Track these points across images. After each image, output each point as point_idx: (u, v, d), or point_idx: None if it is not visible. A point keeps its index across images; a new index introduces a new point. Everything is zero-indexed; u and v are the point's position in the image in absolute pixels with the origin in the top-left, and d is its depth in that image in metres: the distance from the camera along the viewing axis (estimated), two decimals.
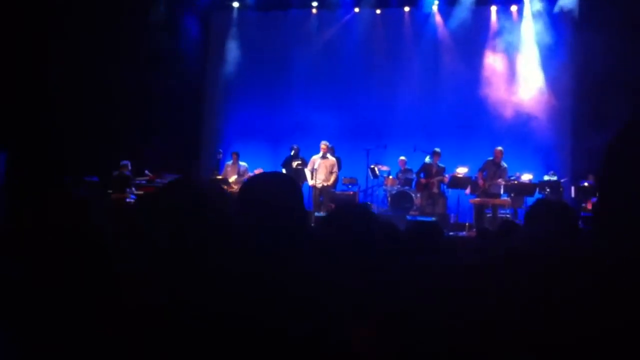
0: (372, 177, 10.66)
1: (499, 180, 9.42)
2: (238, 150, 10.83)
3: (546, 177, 10.00)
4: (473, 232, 8.81)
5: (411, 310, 1.53)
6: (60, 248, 1.29)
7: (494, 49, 11.52)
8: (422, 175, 10.15)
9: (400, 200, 10.05)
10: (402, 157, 10.54)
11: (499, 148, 9.60)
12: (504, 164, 9.59)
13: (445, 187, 10.07)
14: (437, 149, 10.10)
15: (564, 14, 10.96)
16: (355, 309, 1.33)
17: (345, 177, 10.84)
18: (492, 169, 9.57)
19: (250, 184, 1.76)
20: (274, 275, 1.28)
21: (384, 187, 10.57)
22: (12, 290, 1.28)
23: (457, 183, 9.71)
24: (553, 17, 11.15)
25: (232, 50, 12.37)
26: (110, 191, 9.81)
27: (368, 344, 1.43)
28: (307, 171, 10.19)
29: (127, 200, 9.57)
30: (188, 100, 12.06)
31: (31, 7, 10.40)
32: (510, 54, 11.46)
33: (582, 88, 10.26)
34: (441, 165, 10.08)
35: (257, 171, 10.09)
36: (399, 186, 10.33)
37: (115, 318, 1.25)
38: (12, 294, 1.27)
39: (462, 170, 9.83)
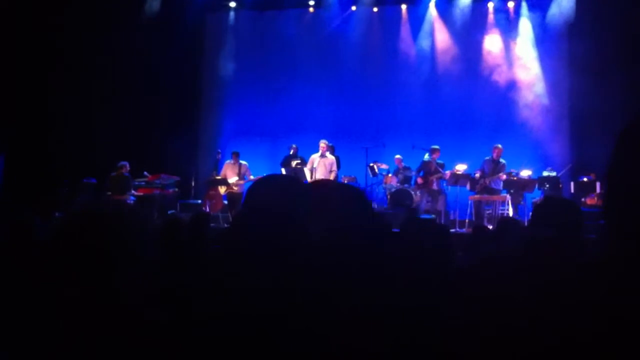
0: (371, 176, 10.64)
1: (501, 174, 9.39)
2: (237, 150, 10.75)
3: (545, 173, 9.97)
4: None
5: (410, 310, 1.52)
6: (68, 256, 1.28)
7: (491, 45, 11.51)
8: (421, 173, 10.11)
9: (400, 198, 10.02)
10: (398, 156, 10.54)
11: (498, 145, 9.59)
12: (502, 161, 9.58)
13: (444, 184, 10.04)
14: (436, 146, 10.08)
15: (560, 10, 10.95)
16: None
17: (344, 176, 10.82)
18: (491, 166, 9.56)
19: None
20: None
21: (383, 185, 10.56)
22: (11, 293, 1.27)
23: (457, 180, 9.69)
24: (550, 13, 11.13)
25: (229, 50, 12.34)
26: (109, 193, 9.77)
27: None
28: (306, 170, 10.17)
29: (127, 201, 9.54)
30: (186, 101, 12.04)
31: (27, 9, 10.38)
32: (508, 49, 11.45)
33: (579, 83, 10.23)
34: (440, 162, 10.05)
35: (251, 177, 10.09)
36: (398, 184, 10.32)
37: (117, 324, 1.23)
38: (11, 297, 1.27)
39: (461, 167, 9.80)
